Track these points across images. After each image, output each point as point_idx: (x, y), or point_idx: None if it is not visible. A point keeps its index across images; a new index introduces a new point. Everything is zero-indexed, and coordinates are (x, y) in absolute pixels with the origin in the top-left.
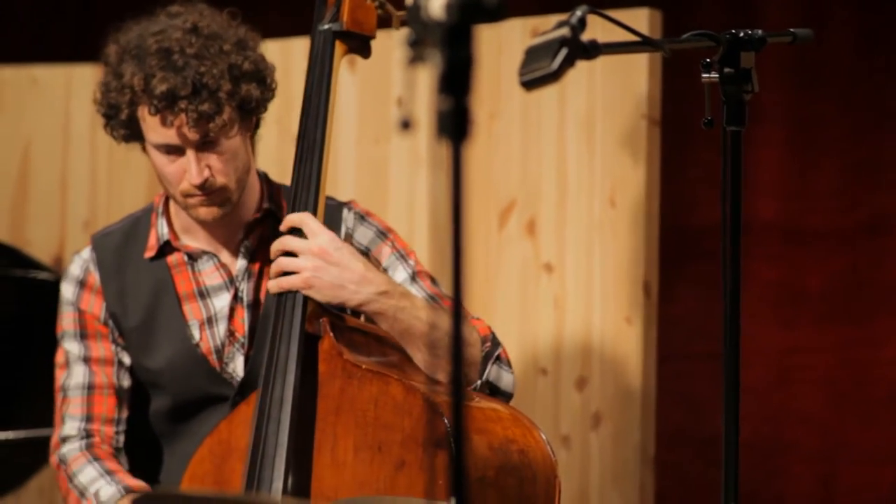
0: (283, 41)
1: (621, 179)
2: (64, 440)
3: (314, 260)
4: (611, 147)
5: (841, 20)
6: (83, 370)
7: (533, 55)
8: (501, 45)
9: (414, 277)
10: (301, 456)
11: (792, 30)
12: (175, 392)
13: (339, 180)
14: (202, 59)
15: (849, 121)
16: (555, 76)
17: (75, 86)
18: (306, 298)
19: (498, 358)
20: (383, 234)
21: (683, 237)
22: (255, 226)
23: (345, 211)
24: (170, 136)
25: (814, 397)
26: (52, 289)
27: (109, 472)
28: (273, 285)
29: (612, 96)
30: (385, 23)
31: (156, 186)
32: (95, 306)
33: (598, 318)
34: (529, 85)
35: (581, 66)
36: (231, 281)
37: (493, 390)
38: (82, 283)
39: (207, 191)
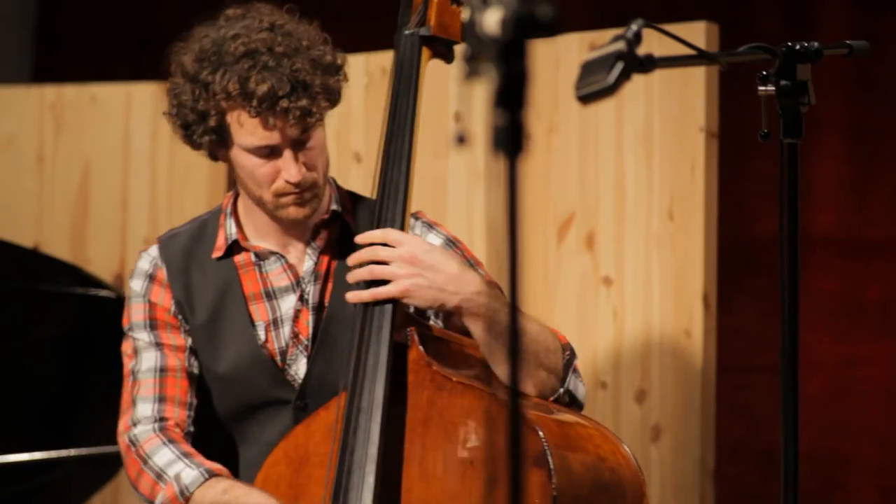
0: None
1: (679, 192)
2: (135, 423)
3: (407, 267)
4: (669, 160)
5: None
6: (155, 354)
7: (589, 69)
8: (559, 59)
9: None
10: (389, 467)
11: (848, 42)
12: (238, 392)
13: None
14: (291, 57)
15: None
16: (611, 90)
17: (135, 104)
18: (395, 306)
19: (575, 368)
20: (452, 242)
21: (742, 249)
22: (322, 227)
23: (412, 220)
24: (270, 136)
25: (873, 409)
26: (114, 307)
27: (187, 455)
28: (367, 295)
29: (669, 109)
30: None
31: (215, 205)
32: (165, 299)
33: (657, 330)
34: (586, 99)
35: (638, 79)
36: (298, 282)
37: (571, 399)
38: (152, 277)
39: (303, 187)
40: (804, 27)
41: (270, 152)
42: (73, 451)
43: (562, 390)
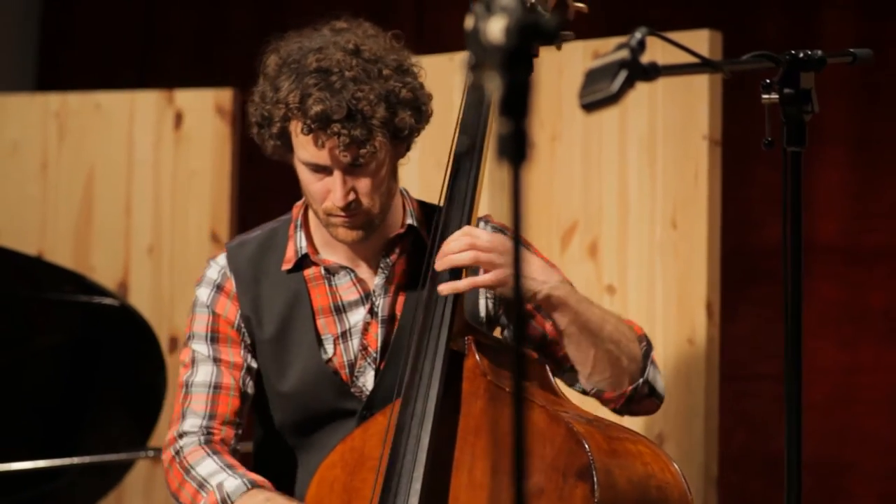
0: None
1: (683, 200)
2: (182, 435)
3: (502, 257)
4: (672, 168)
5: None
6: (211, 369)
7: (593, 77)
8: (562, 67)
9: None
10: (438, 474)
11: (852, 50)
12: (304, 405)
13: None
14: (360, 83)
15: None
16: (615, 98)
17: (138, 112)
18: (453, 315)
19: (652, 360)
20: (524, 246)
21: (745, 257)
22: (396, 242)
23: (481, 224)
24: (320, 156)
25: (876, 417)
26: (117, 315)
27: (230, 466)
28: (464, 284)
29: (673, 117)
30: None
31: (218, 213)
32: (230, 312)
33: (661, 338)
34: (589, 107)
35: (642, 87)
36: (367, 296)
37: (651, 390)
38: (220, 287)
39: (351, 213)
40: (808, 35)
41: (322, 170)
42: (76, 460)
43: (641, 380)
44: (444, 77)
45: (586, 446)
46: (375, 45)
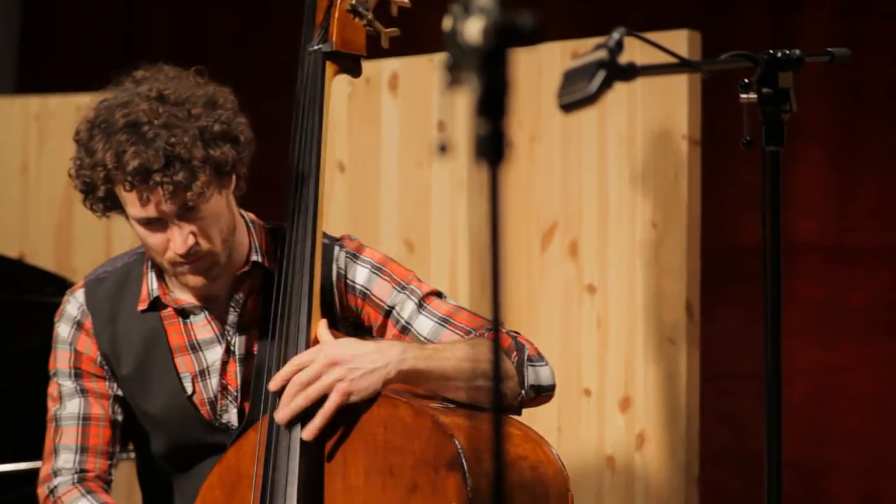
0: None
1: (662, 200)
2: (56, 473)
3: (335, 371)
4: (652, 168)
5: (881, 38)
6: (79, 401)
7: (571, 78)
8: (541, 67)
9: (421, 304)
10: (312, 482)
11: (830, 49)
12: (172, 438)
13: (381, 204)
14: (171, 129)
15: (889, 138)
16: (593, 98)
17: None
18: (309, 322)
19: (529, 359)
20: (378, 268)
21: (726, 257)
22: (244, 279)
23: (336, 249)
24: (148, 210)
25: (857, 416)
26: None
27: None
28: (318, 422)
29: (652, 118)
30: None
31: None
32: (91, 349)
33: (641, 338)
34: (568, 107)
35: (621, 87)
36: (223, 334)
37: (537, 391)
38: (79, 325)
39: (194, 258)
40: (786, 35)
41: (156, 223)
42: None
43: (523, 391)
44: (423, 77)
45: (453, 436)
46: (180, 87)
